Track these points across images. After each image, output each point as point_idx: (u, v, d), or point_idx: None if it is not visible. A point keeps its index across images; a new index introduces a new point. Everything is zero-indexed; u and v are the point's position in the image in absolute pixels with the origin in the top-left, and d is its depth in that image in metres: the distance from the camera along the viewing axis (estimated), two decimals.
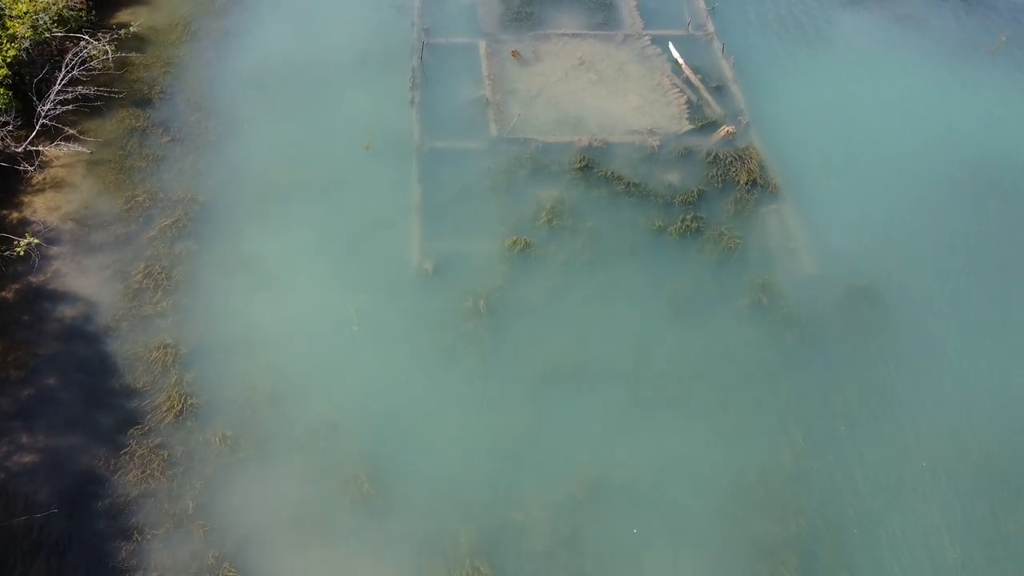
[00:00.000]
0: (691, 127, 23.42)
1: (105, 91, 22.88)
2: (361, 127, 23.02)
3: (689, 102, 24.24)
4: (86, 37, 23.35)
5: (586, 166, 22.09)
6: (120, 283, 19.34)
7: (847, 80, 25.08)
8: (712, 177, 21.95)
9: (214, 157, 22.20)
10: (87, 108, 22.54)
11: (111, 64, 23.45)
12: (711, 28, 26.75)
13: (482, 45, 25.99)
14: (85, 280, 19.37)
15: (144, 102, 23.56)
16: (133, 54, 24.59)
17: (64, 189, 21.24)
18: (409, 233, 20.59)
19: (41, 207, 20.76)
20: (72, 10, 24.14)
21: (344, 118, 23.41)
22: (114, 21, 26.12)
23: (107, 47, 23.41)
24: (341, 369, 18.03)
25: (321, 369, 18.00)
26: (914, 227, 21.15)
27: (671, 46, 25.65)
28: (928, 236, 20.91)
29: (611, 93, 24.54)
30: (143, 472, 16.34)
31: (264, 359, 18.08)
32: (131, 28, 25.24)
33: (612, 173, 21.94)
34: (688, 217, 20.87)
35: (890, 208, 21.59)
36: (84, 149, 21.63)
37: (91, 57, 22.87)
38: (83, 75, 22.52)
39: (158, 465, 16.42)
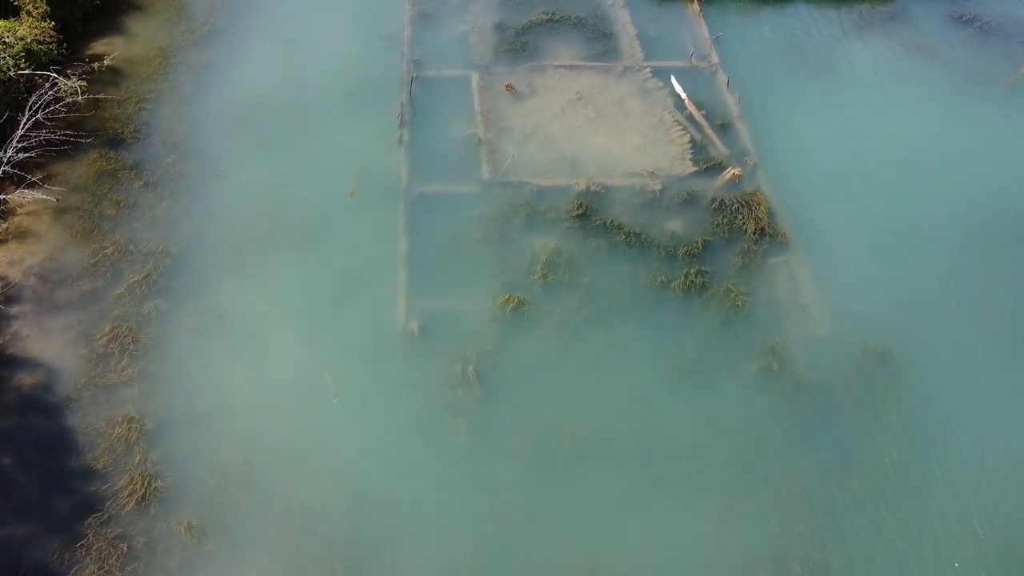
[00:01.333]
0: (695, 169, 21.78)
1: (72, 135, 21.22)
2: (346, 170, 21.37)
3: (692, 141, 22.60)
4: (54, 75, 21.68)
5: (584, 213, 20.47)
6: (84, 347, 17.74)
7: (859, 116, 23.43)
8: (717, 226, 20.32)
9: (189, 203, 20.57)
10: (53, 152, 20.88)
11: (82, 102, 21.79)
12: (715, 59, 25.09)
13: (475, 78, 24.34)
14: (47, 343, 17.77)
15: (117, 142, 21.93)
16: (103, 95, 22.90)
17: (28, 240, 19.64)
18: (395, 289, 18.99)
19: (2, 260, 19.15)
20: (41, 43, 22.49)
21: (328, 159, 21.77)
22: (89, 52, 24.52)
23: (77, 85, 21.75)
24: (318, 446, 16.44)
25: (297, 446, 16.41)
26: (932, 282, 19.54)
27: (673, 80, 24.00)
28: (948, 293, 19.29)
29: (610, 131, 22.90)
30: (100, 568, 14.74)
31: (236, 435, 16.49)
32: (105, 61, 23.59)
33: (611, 222, 20.31)
34: (692, 271, 19.25)
35: (906, 260, 19.97)
36: (50, 197, 20.00)
37: (59, 98, 21.20)
38: (50, 117, 20.86)
39: (117, 560, 14.83)
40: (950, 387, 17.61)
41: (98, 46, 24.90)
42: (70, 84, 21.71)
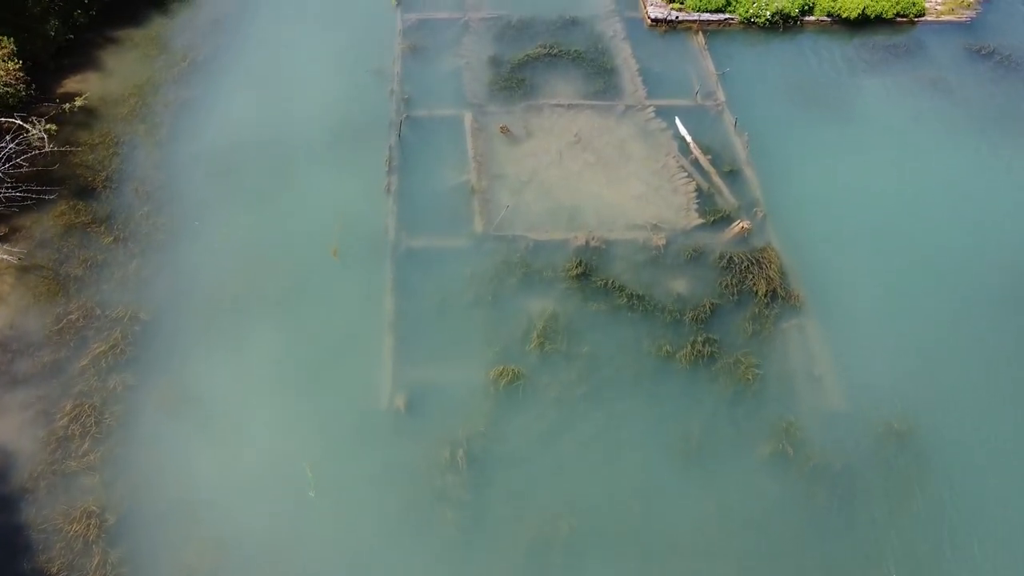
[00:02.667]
0: (701, 221, 20.17)
1: (37, 189, 19.59)
2: (330, 221, 19.78)
3: (698, 189, 20.98)
4: (19, 121, 20.05)
5: (583, 273, 18.86)
6: (43, 427, 16.17)
7: (874, 160, 21.79)
8: (726, 287, 18.72)
9: (162, 262, 18.98)
10: (16, 208, 19.28)
11: (50, 153, 20.15)
12: (721, 97, 23.44)
13: (468, 118, 22.70)
14: (2, 424, 16.19)
15: (87, 192, 20.31)
16: (68, 148, 21.25)
17: None
18: (380, 359, 17.40)
19: None
20: (7, 86, 20.86)
21: (312, 210, 20.18)
22: (61, 91, 22.89)
23: (44, 132, 20.13)
24: (294, 544, 14.88)
25: (271, 544, 14.86)
26: (957, 348, 17.95)
27: (678, 122, 22.35)
28: (976, 361, 17.72)
29: (610, 178, 21.27)
30: None
31: (205, 531, 14.93)
32: (76, 103, 21.93)
33: (612, 282, 18.71)
34: (699, 340, 17.66)
35: (927, 323, 18.39)
36: (12, 258, 18.41)
37: (23, 149, 19.57)
38: (11, 173, 19.24)
39: None
40: (981, 471, 16.05)
41: (71, 83, 23.25)
42: (37, 131, 20.08)
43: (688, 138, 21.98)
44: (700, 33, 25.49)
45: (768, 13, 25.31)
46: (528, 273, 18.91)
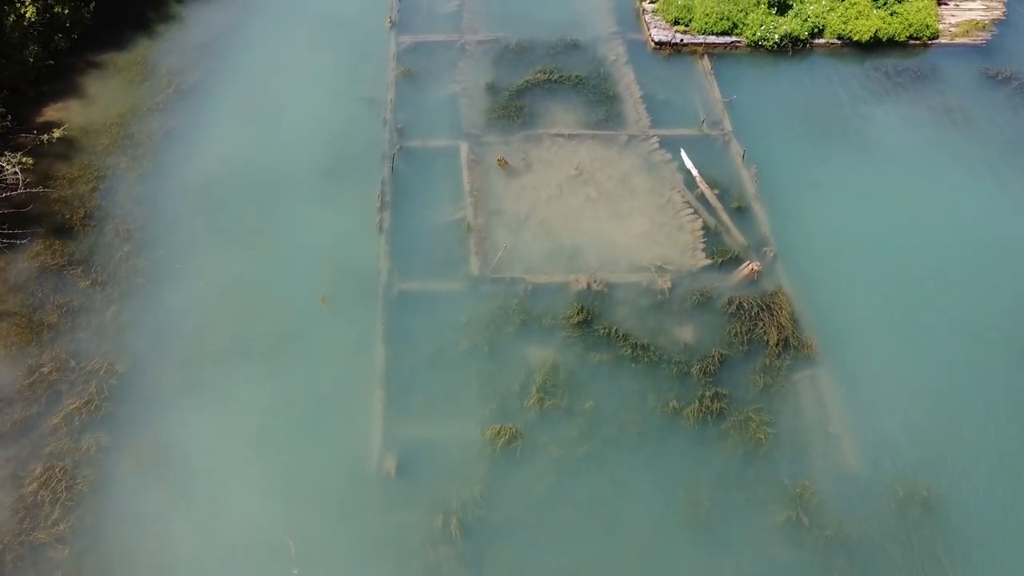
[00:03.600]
0: (708, 262, 19.03)
1: (7, 234, 18.45)
2: (319, 263, 18.67)
3: (705, 227, 19.84)
4: None
5: (585, 320, 17.72)
6: (11, 493, 15.08)
7: (889, 196, 20.64)
8: (735, 335, 17.59)
9: (141, 308, 17.86)
10: None
11: (25, 191, 19.03)
12: (728, 126, 22.27)
13: (464, 149, 21.55)
14: None
15: (64, 231, 19.18)
16: (43, 189, 20.11)
17: None
18: (369, 415, 16.30)
19: None
20: None
21: (299, 250, 19.05)
22: (41, 120, 21.73)
23: (18, 167, 19.00)
24: None
25: None
26: (983, 401, 16.85)
27: (683, 154, 21.19)
28: (1005, 415, 16.59)
29: (613, 215, 20.13)
30: None
31: None
32: (55, 134, 20.76)
33: (616, 330, 17.59)
34: (708, 394, 16.55)
35: (950, 372, 17.30)
36: None
37: None
38: None
39: None
40: (1013, 542, 14.90)
41: (51, 112, 22.10)
42: (12, 168, 18.95)
43: (694, 171, 20.83)
44: (705, 57, 24.31)
45: (776, 36, 24.13)
46: (527, 320, 17.79)
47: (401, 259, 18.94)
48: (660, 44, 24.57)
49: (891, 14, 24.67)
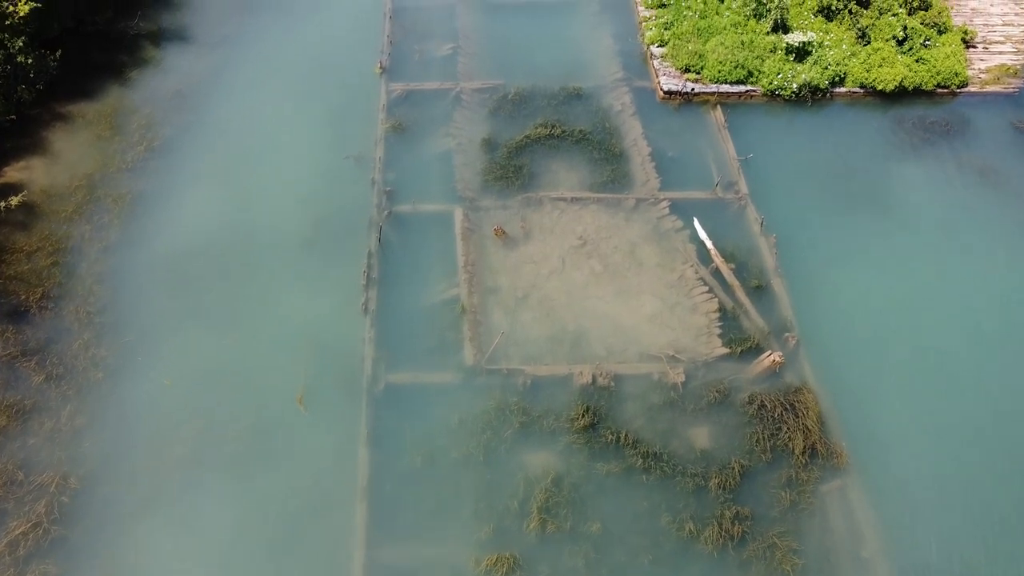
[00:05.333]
0: (725, 351, 17.07)
1: None
2: (296, 353, 16.75)
3: (721, 308, 17.87)
4: None
5: (590, 423, 15.77)
6: None
7: (921, 270, 18.71)
8: (757, 440, 15.66)
9: (99, 408, 15.93)
10: None
11: None
12: (744, 188, 20.29)
13: (458, 215, 19.58)
14: None
15: (19, 314, 17.24)
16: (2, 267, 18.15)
17: None
18: (350, 536, 14.38)
19: None
20: None
21: (277, 339, 17.12)
22: (1, 181, 19.74)
23: None
24: None
25: None
26: None
27: (696, 224, 19.22)
28: None
29: (620, 292, 18.17)
30: None
31: None
32: (13, 201, 18.82)
33: (624, 435, 15.65)
34: (728, 514, 14.63)
35: (996, 482, 15.36)
36: None
37: None
38: None
39: None
40: None
41: (12, 172, 20.14)
42: None
43: (708, 243, 18.87)
44: (718, 107, 22.29)
45: (795, 85, 22.11)
46: (526, 422, 15.85)
47: (388, 346, 17.01)
48: (669, 93, 22.57)
49: (917, 60, 22.66)
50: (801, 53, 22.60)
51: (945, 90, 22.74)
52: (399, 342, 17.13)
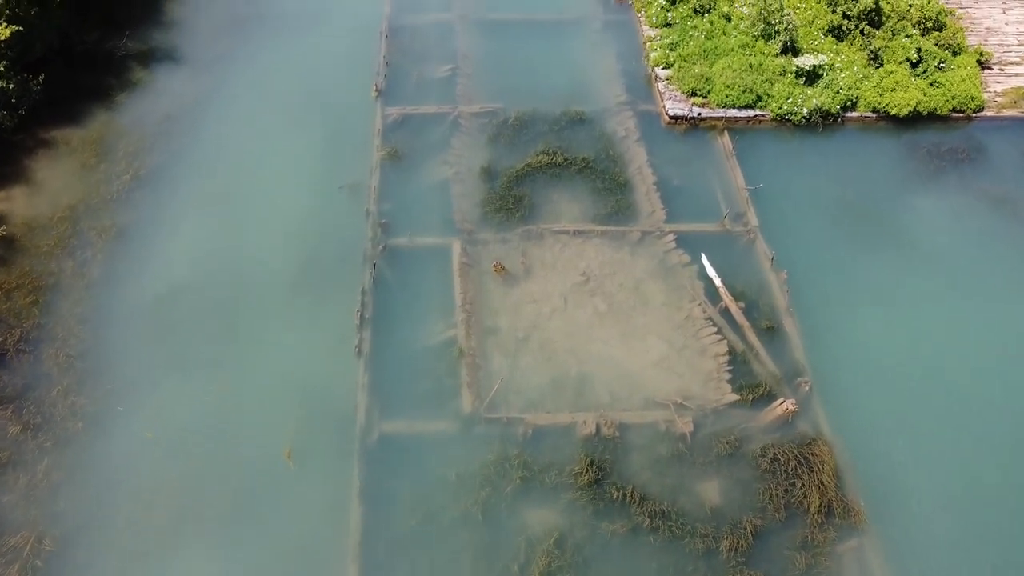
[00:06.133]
0: (735, 398, 16.17)
1: None
2: (286, 401, 15.86)
3: (730, 350, 16.96)
4: None
5: (595, 478, 14.87)
6: None
7: (938, 305, 17.87)
8: (770, 497, 14.77)
9: (78, 461, 15.04)
10: None
11: None
12: (754, 220, 19.37)
13: (456, 248, 18.67)
14: None
15: None
16: None
17: None
18: None
19: None
20: None
21: (264, 385, 16.24)
22: None
23: None
24: None
25: None
26: None
27: (704, 260, 18.31)
28: None
29: (625, 333, 17.28)
30: None
31: None
32: None
33: (631, 491, 14.74)
34: None
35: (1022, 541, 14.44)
36: None
37: None
38: None
39: None
40: None
41: None
42: None
43: (717, 280, 17.96)
44: (726, 133, 21.36)
45: (805, 110, 21.17)
46: (527, 477, 14.97)
47: (382, 392, 16.12)
48: (675, 118, 21.62)
49: (932, 84, 21.72)
50: (812, 76, 21.66)
51: (960, 114, 21.81)
52: (394, 388, 16.24)
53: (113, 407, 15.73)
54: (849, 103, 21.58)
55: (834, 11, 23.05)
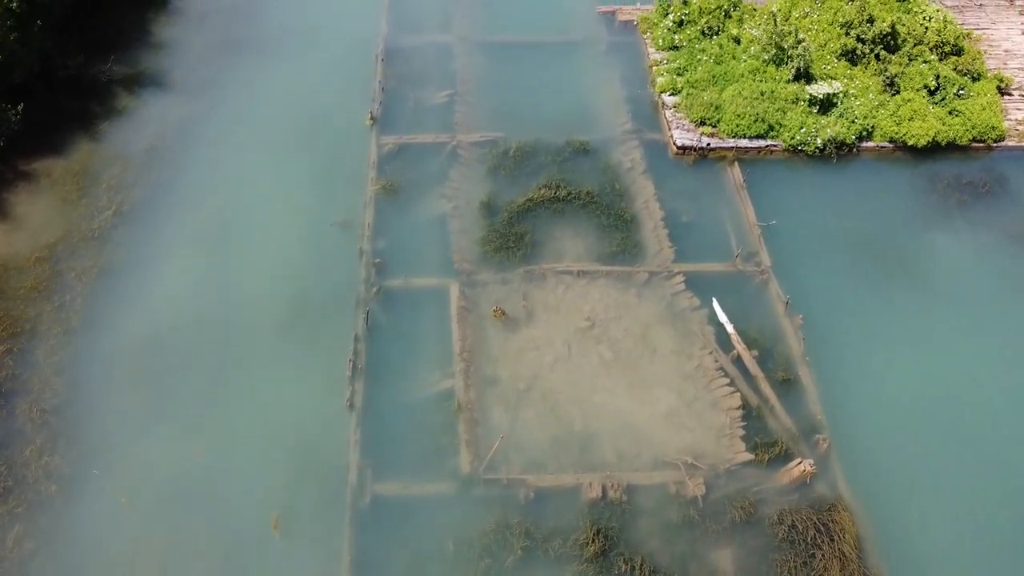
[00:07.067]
0: (749, 457, 15.14)
1: None
2: (273, 463, 14.85)
3: (744, 404, 15.93)
4: None
5: (601, 548, 13.84)
6: None
7: (962, 352, 16.84)
8: (788, 570, 13.73)
9: (50, 529, 14.04)
10: None
11: None
12: (766, 261, 18.31)
13: (454, 291, 17.63)
14: None
15: None
16: None
17: None
18: None
19: None
20: None
21: (250, 443, 15.24)
22: None
23: None
24: None
25: None
26: None
27: (715, 305, 17.26)
28: None
29: (632, 384, 16.24)
30: None
31: None
32: None
33: (640, 563, 13.73)
34: None
35: None
36: None
37: None
38: None
39: None
40: None
41: None
42: None
43: (729, 327, 16.91)
44: (736, 164, 20.30)
45: (819, 140, 20.10)
46: (530, 547, 13.94)
47: (375, 450, 15.10)
48: (683, 149, 20.55)
49: (951, 113, 20.64)
50: (826, 105, 20.57)
51: (980, 144, 20.73)
52: (388, 445, 15.22)
53: (89, 468, 14.68)
54: (865, 133, 20.51)
55: (848, 34, 21.96)
